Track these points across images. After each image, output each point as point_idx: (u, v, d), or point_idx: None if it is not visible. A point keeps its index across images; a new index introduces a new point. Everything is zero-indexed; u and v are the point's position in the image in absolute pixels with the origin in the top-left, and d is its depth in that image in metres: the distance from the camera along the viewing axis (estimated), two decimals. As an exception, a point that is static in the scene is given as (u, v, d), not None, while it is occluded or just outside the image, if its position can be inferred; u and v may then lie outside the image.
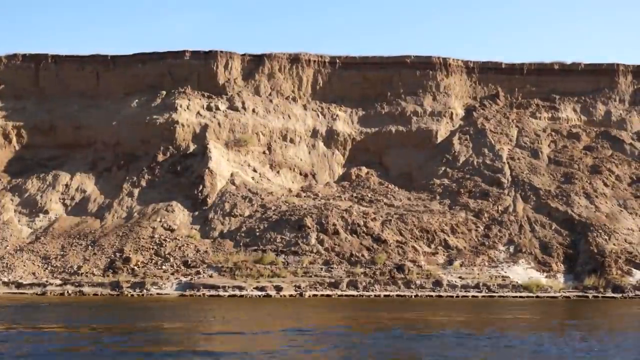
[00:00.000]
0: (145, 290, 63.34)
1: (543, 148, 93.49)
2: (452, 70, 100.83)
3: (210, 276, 66.25)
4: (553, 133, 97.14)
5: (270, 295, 61.53)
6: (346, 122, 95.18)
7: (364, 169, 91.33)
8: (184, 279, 65.51)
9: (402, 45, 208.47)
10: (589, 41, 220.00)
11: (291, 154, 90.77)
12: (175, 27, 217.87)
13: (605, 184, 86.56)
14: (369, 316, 42.83)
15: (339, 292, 64.18)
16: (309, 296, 62.33)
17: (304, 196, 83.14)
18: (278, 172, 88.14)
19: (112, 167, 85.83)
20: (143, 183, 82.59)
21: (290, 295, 62.26)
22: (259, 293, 62.21)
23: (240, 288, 63.18)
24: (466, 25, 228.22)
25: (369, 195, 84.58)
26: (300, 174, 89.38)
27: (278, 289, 63.18)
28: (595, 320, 43.12)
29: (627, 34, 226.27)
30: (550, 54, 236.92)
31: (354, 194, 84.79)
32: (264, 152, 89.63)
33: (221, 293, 62.05)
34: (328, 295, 63.13)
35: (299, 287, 64.24)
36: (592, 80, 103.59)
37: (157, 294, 62.89)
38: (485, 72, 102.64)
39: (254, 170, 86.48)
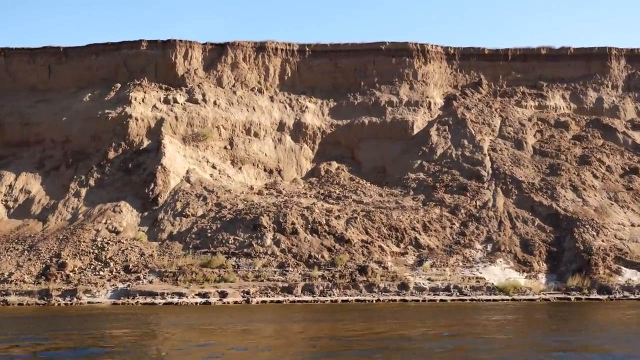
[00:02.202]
0: (76, 299, 57.00)
1: (528, 138, 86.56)
2: (430, 57, 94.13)
3: (151, 282, 59.87)
4: (539, 122, 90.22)
5: (211, 303, 54.99)
6: (316, 114, 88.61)
7: (335, 164, 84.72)
8: (120, 286, 59.11)
9: (376, 31, 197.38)
10: (579, 24, 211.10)
11: (255, 148, 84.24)
12: (132, 16, 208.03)
13: (595, 176, 79.60)
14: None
15: (292, 298, 57.59)
16: (257, 303, 55.78)
17: (266, 194, 76.62)
18: (240, 168, 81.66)
19: (60, 165, 79.67)
20: (92, 182, 76.34)
21: (235, 302, 55.65)
22: (200, 300, 55.70)
23: (181, 295, 56.72)
24: (446, 9, 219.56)
25: (337, 191, 77.97)
26: (265, 170, 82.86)
27: (223, 295, 56.67)
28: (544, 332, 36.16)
29: (619, 16, 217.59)
30: (538, 38, 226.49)
31: (321, 191, 78.20)
32: (225, 147, 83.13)
33: (157, 300, 55.59)
34: (279, 302, 56.54)
35: (248, 292, 57.68)
36: (583, 65, 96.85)
37: (89, 302, 56.51)
38: (467, 59, 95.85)
39: (213, 167, 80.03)
